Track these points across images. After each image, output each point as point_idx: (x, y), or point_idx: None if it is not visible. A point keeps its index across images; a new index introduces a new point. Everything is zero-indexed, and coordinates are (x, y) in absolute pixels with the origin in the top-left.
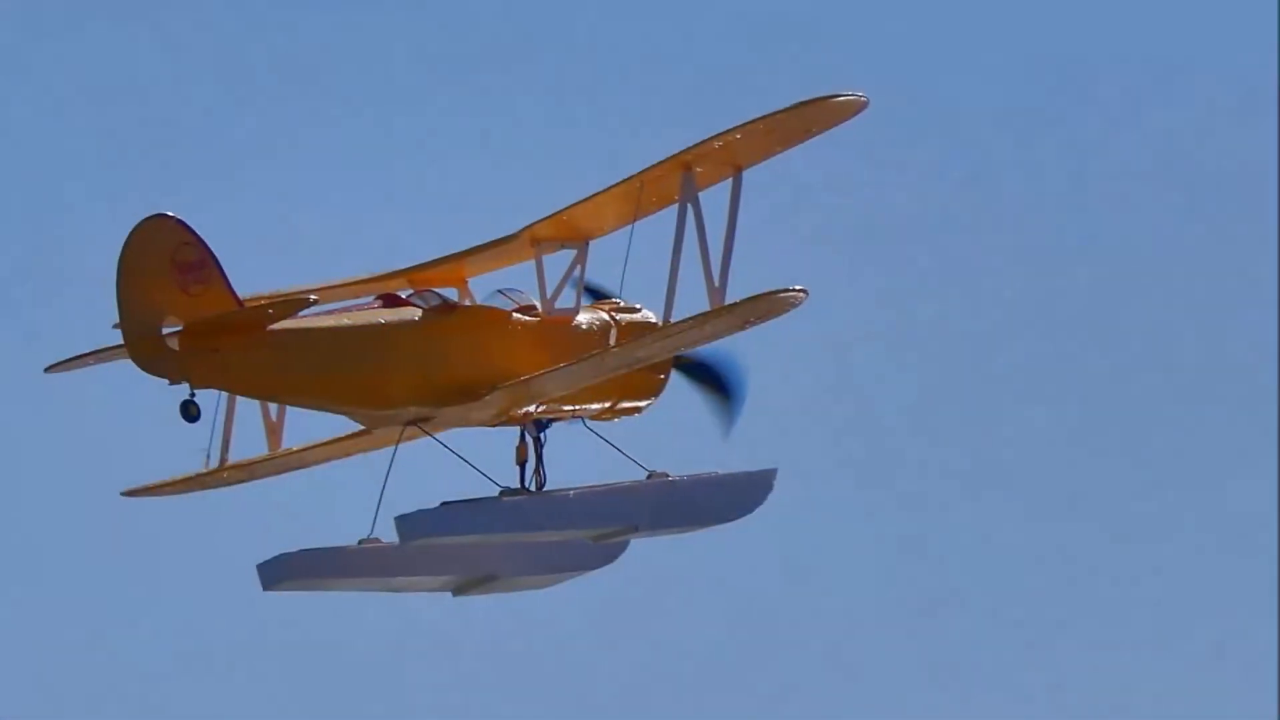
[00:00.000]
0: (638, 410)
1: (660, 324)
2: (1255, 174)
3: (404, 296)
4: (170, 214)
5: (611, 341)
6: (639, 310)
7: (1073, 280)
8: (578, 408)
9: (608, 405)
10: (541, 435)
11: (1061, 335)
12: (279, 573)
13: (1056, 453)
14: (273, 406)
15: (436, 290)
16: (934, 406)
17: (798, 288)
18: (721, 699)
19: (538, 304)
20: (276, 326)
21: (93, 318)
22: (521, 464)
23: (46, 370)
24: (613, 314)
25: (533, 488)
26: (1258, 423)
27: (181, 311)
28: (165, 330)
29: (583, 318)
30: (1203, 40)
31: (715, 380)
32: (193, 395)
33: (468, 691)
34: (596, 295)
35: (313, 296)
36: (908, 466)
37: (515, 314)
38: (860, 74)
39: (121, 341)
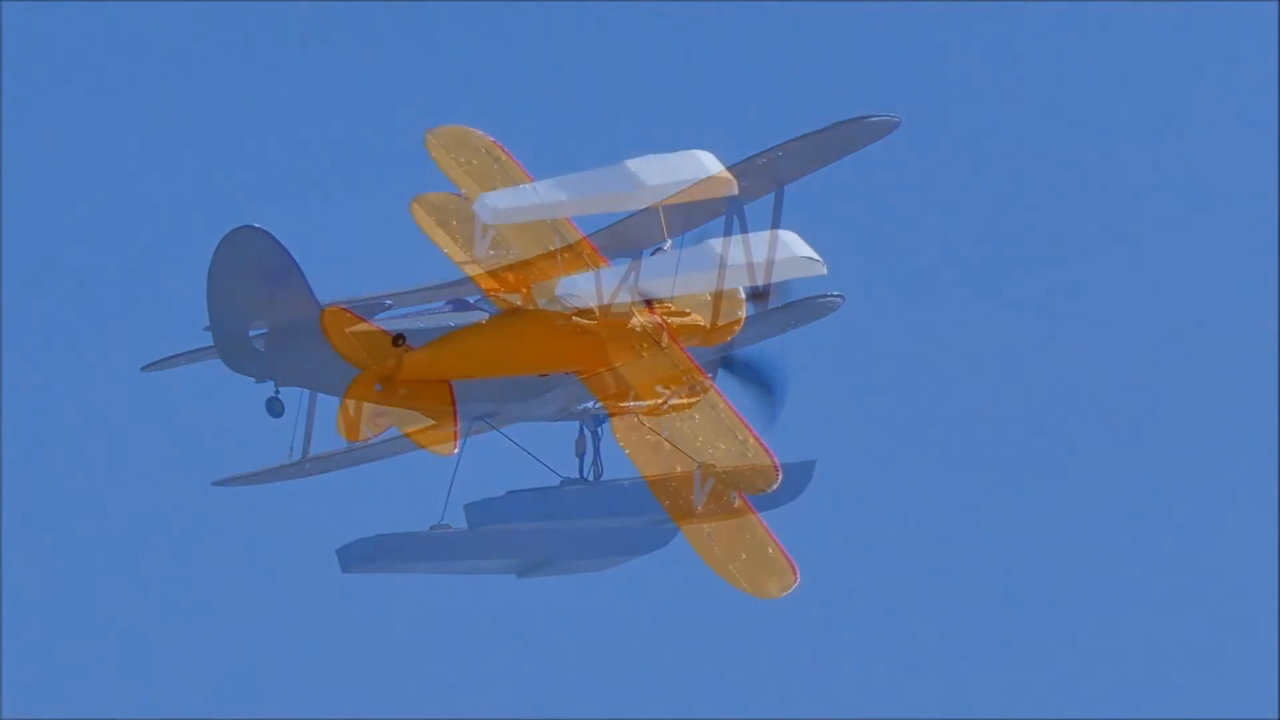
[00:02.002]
0: (687, 406)
1: (708, 327)
2: (1262, 186)
3: (472, 301)
4: (257, 225)
5: (663, 343)
6: (688, 314)
7: (1094, 285)
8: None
9: (660, 401)
10: (599, 429)
11: (1083, 338)
12: (357, 556)
13: (1073, 453)
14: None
15: (502, 295)
16: (960, 406)
17: (835, 294)
18: (764, 678)
19: (596, 308)
20: (355, 329)
21: (186, 321)
22: (581, 456)
23: (143, 369)
24: (664, 317)
25: (591, 478)
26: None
27: (267, 315)
28: (252, 333)
29: (637, 320)
30: (1209, 52)
31: (759, 378)
32: (277, 393)
33: (530, 665)
34: (649, 300)
35: (388, 301)
36: (936, 459)
37: (575, 317)
38: (881, 91)
39: (212, 343)
